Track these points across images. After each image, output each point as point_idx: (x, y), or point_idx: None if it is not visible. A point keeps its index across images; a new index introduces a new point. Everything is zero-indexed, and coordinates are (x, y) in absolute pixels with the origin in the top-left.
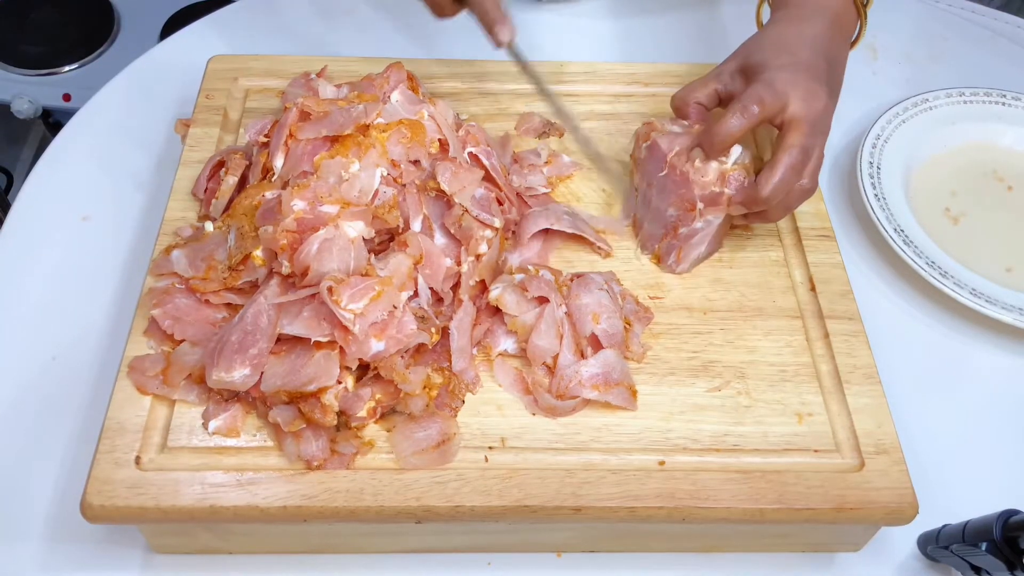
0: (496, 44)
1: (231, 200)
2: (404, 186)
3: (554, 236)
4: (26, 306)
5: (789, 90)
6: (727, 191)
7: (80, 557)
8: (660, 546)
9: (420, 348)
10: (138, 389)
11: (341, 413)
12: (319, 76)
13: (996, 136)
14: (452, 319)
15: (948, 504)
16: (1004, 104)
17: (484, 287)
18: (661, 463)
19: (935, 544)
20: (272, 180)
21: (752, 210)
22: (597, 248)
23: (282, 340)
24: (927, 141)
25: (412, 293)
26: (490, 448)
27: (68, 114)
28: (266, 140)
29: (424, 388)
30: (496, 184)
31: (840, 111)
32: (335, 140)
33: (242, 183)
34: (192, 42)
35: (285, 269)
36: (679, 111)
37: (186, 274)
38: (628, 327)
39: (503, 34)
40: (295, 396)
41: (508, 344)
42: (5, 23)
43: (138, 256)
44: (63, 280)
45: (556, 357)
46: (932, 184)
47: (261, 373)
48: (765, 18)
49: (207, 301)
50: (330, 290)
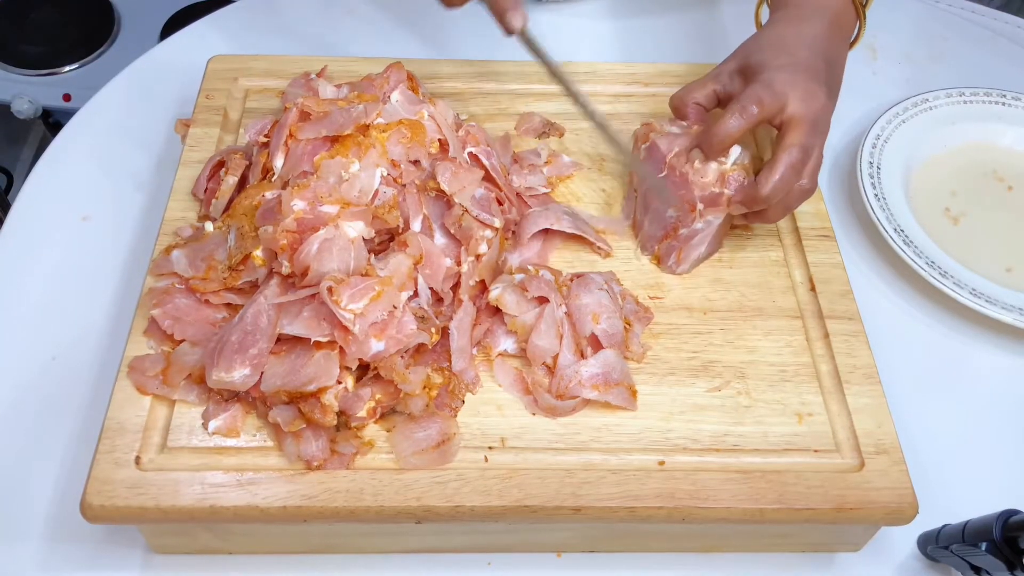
0: (507, 31)
1: (231, 200)
2: (404, 186)
3: (554, 236)
4: (26, 306)
5: (788, 90)
6: (727, 192)
7: (80, 557)
8: (660, 546)
9: (420, 348)
10: (138, 389)
11: (341, 413)
12: (319, 76)
13: (996, 136)
14: (452, 319)
15: (948, 504)
16: (1004, 104)
17: (484, 287)
18: (661, 463)
19: (935, 544)
20: (272, 180)
21: (752, 209)
22: (597, 248)
23: (282, 340)
24: (927, 141)
25: (412, 293)
26: (490, 448)
27: (68, 114)
28: (266, 140)
29: (424, 388)
30: (496, 184)
31: (840, 111)
32: (335, 140)
33: (242, 183)
34: (192, 42)
35: (285, 269)
36: (677, 112)
37: (186, 274)
38: (628, 327)
39: (515, 20)
40: (295, 396)
41: (508, 344)
42: (5, 23)
43: (138, 256)
44: (63, 280)
45: (556, 357)
46: (932, 184)
47: (261, 373)
48: (764, 18)
49: (207, 301)
50: (330, 290)
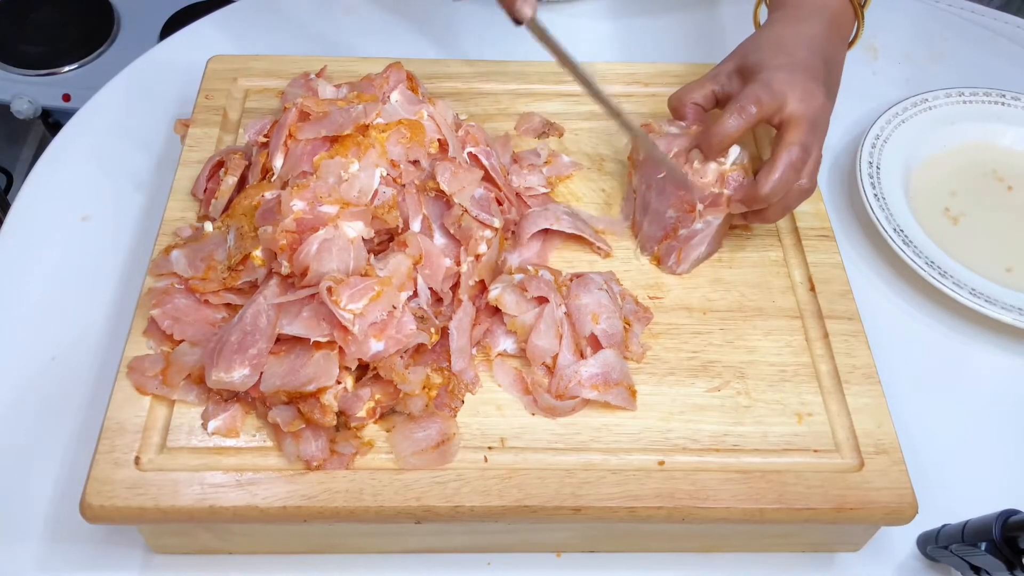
0: (517, 20)
1: (230, 200)
2: (403, 186)
3: (554, 236)
4: (26, 306)
5: (786, 90)
6: (726, 192)
7: (80, 557)
8: (660, 546)
9: (419, 348)
10: (137, 389)
11: (340, 413)
12: (318, 76)
13: (996, 136)
14: (451, 319)
15: (948, 504)
16: (1004, 104)
17: (483, 287)
18: (661, 463)
19: (935, 544)
20: (272, 180)
21: (751, 208)
22: (597, 248)
23: (281, 340)
24: (927, 141)
25: (411, 293)
26: (490, 448)
27: (68, 114)
28: (266, 140)
29: (423, 388)
30: (496, 184)
31: (840, 111)
32: (335, 140)
33: (242, 183)
34: (192, 42)
35: (285, 269)
36: (676, 112)
37: (186, 274)
38: (628, 327)
39: (525, 9)
40: (294, 396)
41: (507, 344)
42: (5, 23)
43: (138, 256)
44: (63, 280)
45: (556, 357)
46: (932, 184)
47: (260, 373)
48: (763, 19)
49: (206, 301)
50: (329, 290)
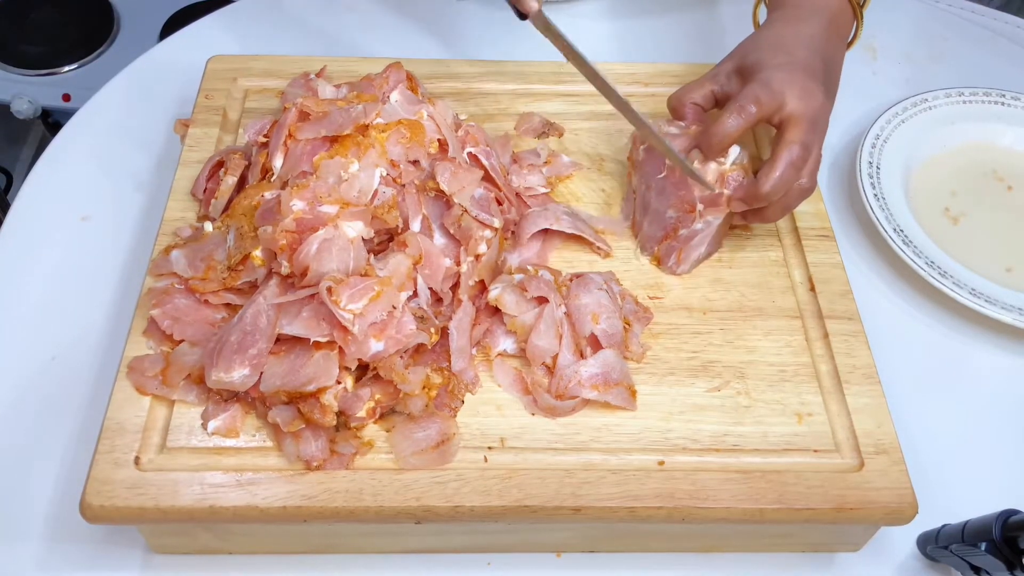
0: (523, 14)
1: (230, 200)
2: (403, 186)
3: (553, 236)
4: (26, 306)
5: (786, 89)
6: (726, 192)
7: (80, 557)
8: (660, 546)
9: (419, 348)
10: (137, 389)
11: (340, 413)
12: (318, 76)
13: (996, 136)
14: (451, 319)
15: (948, 504)
16: (1004, 104)
17: (483, 287)
18: (661, 463)
19: (935, 544)
20: (271, 180)
21: (752, 207)
22: (596, 248)
23: (281, 340)
24: (927, 141)
25: (411, 293)
26: (489, 448)
27: (68, 114)
28: (265, 140)
29: (423, 388)
30: (495, 184)
31: (839, 111)
32: (334, 140)
33: (241, 183)
34: (192, 42)
35: (284, 269)
36: (675, 112)
37: (185, 274)
38: (627, 327)
39: (532, 1)
40: (294, 396)
41: (507, 344)
42: (5, 23)
43: (138, 256)
44: (63, 280)
45: (555, 357)
46: (932, 184)
47: (260, 373)
48: (762, 19)
49: (206, 301)
50: (329, 290)
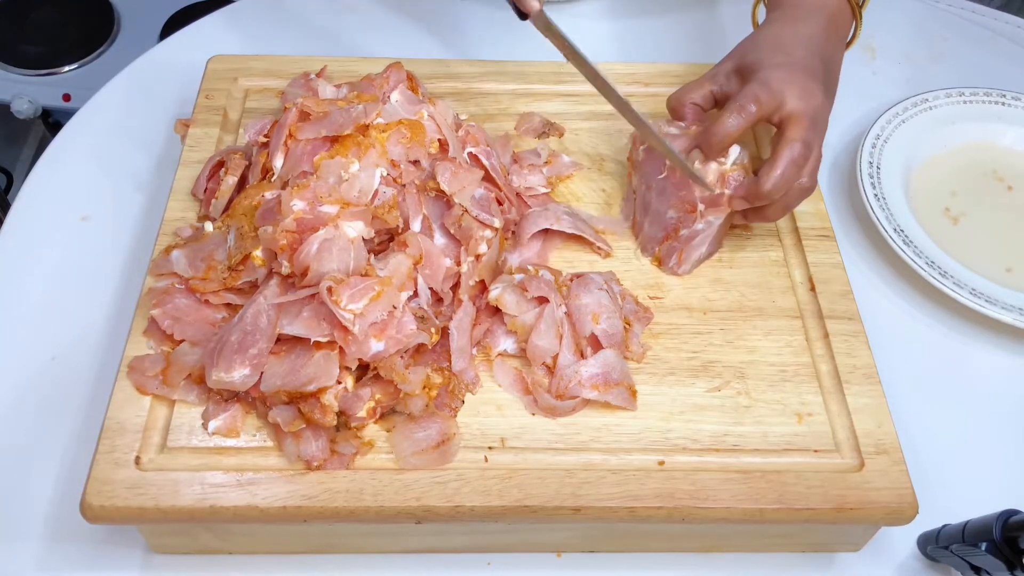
0: (524, 13)
1: (231, 200)
2: (404, 186)
3: (554, 236)
4: (26, 306)
5: (785, 88)
6: (727, 192)
7: (80, 557)
8: (660, 546)
9: (420, 348)
10: (138, 389)
11: (341, 413)
12: (319, 76)
13: (996, 136)
14: (452, 319)
15: (948, 504)
16: (1004, 104)
17: (484, 287)
18: (661, 463)
19: (935, 544)
20: (272, 180)
21: (753, 205)
22: (597, 248)
23: (282, 340)
24: (927, 141)
25: (412, 293)
26: (490, 448)
27: (68, 114)
28: (266, 140)
29: (424, 388)
30: (496, 184)
31: (839, 111)
32: (335, 140)
33: (242, 183)
34: (192, 42)
35: (285, 269)
36: (675, 112)
37: (186, 274)
38: (628, 327)
39: (533, 1)
40: (295, 396)
41: (508, 344)
42: (5, 23)
43: (138, 256)
44: (63, 280)
45: (556, 357)
46: (932, 184)
47: (261, 373)
48: (761, 19)
49: (207, 301)
50: (330, 290)
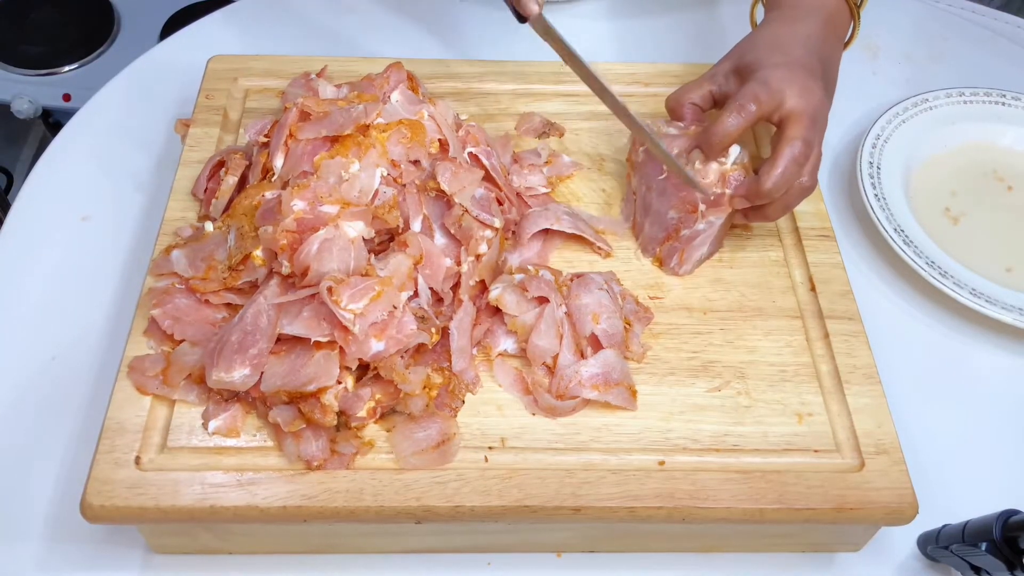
0: (523, 16)
1: (231, 200)
2: (404, 186)
3: (554, 236)
4: (26, 306)
5: (784, 87)
6: (728, 191)
7: (80, 557)
8: (660, 546)
9: (420, 348)
10: (138, 389)
11: (341, 413)
12: (319, 76)
13: (996, 136)
14: (452, 319)
15: (948, 504)
16: (1004, 104)
17: (484, 287)
18: (661, 463)
19: (935, 544)
20: (272, 180)
21: (754, 203)
22: (597, 248)
23: (282, 340)
24: (927, 141)
25: (412, 293)
26: (490, 448)
27: (68, 114)
28: (266, 140)
29: (424, 388)
30: (496, 184)
31: (839, 111)
32: (335, 140)
33: (242, 183)
34: (192, 42)
35: (285, 269)
36: (674, 113)
37: (186, 274)
38: (628, 327)
39: (532, 4)
40: (295, 396)
41: (508, 344)
42: (5, 23)
43: (138, 256)
44: (63, 280)
45: (556, 357)
46: (932, 184)
47: (261, 373)
48: (759, 18)
49: (207, 301)
50: (330, 290)
